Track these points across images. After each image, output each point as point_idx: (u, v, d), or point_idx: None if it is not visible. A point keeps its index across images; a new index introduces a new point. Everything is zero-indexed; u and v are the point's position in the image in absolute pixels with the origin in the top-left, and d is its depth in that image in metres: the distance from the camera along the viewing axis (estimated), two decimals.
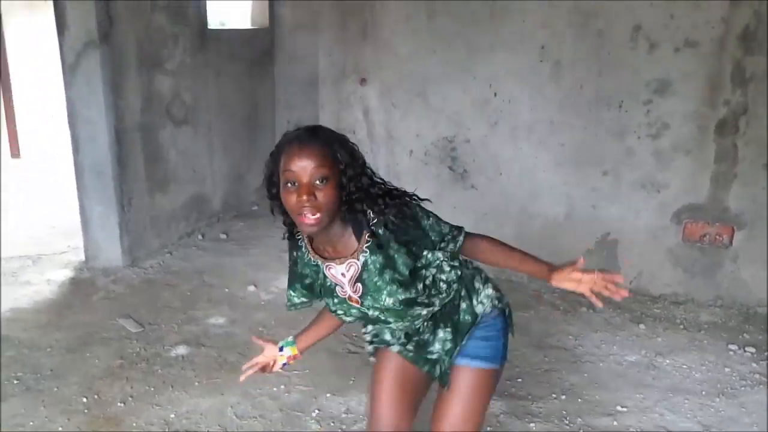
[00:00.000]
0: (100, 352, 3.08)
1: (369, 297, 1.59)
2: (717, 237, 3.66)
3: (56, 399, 2.72)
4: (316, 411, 2.71)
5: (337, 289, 1.62)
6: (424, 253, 1.60)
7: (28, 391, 2.76)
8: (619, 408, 2.80)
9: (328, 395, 2.82)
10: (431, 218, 1.61)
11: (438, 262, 1.64)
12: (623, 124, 3.63)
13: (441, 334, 1.73)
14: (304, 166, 1.43)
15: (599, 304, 1.63)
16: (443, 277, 1.67)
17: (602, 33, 3.55)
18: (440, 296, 1.68)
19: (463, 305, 1.72)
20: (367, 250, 1.55)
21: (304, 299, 1.74)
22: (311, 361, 3.06)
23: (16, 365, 2.94)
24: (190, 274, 3.99)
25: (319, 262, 1.61)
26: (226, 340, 3.24)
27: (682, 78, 3.49)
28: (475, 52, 3.74)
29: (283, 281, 3.84)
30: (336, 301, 1.64)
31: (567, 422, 2.69)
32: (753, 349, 3.30)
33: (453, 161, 3.96)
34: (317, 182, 1.44)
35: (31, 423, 2.56)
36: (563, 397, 2.86)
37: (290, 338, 1.92)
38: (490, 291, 1.77)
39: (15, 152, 6.62)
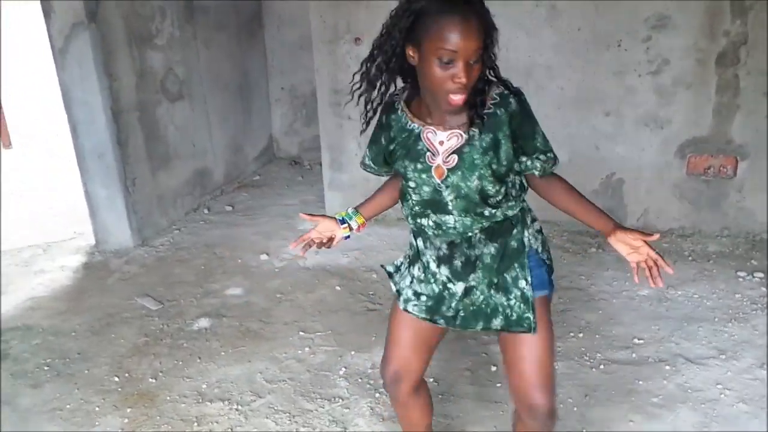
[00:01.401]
0: (124, 331, 3.13)
1: (459, 172, 1.55)
2: (721, 168, 3.69)
3: (88, 381, 2.77)
4: (343, 369, 2.77)
5: (427, 155, 1.57)
6: (523, 159, 1.58)
7: (60, 376, 2.81)
8: (636, 340, 2.87)
9: (352, 353, 2.88)
10: (541, 130, 1.59)
11: (525, 171, 1.62)
12: (623, 62, 3.61)
13: (488, 249, 1.65)
14: (466, 47, 1.37)
15: (636, 280, 1.63)
16: (513, 193, 1.64)
17: None
18: (507, 206, 1.63)
19: (515, 230, 1.66)
20: (478, 127, 1.52)
21: (377, 168, 1.76)
22: (332, 322, 3.13)
23: (44, 353, 2.98)
24: (201, 249, 4.02)
25: (417, 126, 1.58)
26: (245, 310, 3.29)
27: (681, 11, 3.45)
28: None
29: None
30: (419, 167, 1.58)
31: (587, 358, 2.76)
32: (761, 275, 3.37)
33: None
34: (471, 62, 1.40)
35: (68, 406, 2.62)
36: (581, 335, 2.93)
37: (349, 210, 1.83)
38: (537, 227, 1.74)
39: (6, 143, 6.56)
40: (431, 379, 2.67)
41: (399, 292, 1.79)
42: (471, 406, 2.53)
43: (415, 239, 1.75)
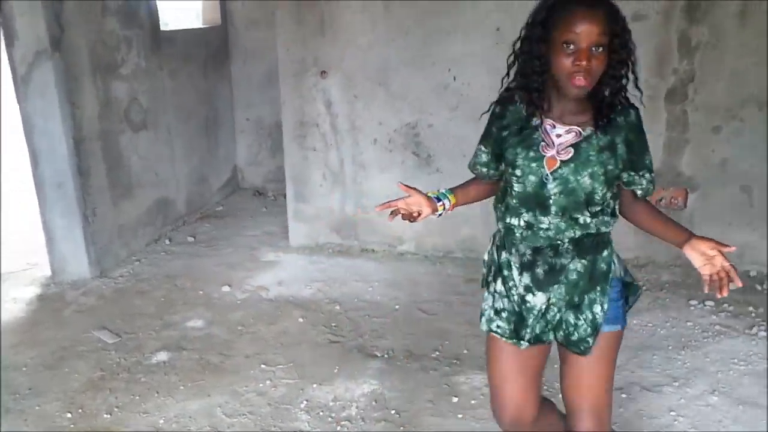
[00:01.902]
0: (78, 365, 3.05)
1: (572, 165, 1.58)
2: (672, 200, 3.83)
3: (39, 417, 2.69)
4: (305, 402, 2.75)
5: (541, 145, 1.61)
6: (631, 173, 1.62)
7: (9, 413, 2.72)
8: None
9: (314, 386, 2.86)
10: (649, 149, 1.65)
11: (631, 186, 1.65)
12: None
13: (575, 264, 1.66)
14: (588, 32, 1.45)
15: (707, 289, 1.63)
16: (610, 210, 1.67)
17: None
18: (602, 220, 1.65)
19: (606, 251, 1.69)
20: (600, 126, 1.57)
21: (488, 163, 1.75)
22: (294, 354, 3.11)
23: None
24: (161, 280, 3.96)
25: (536, 118, 1.62)
26: (206, 342, 3.25)
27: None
28: (432, 38, 3.79)
29: (257, 279, 3.92)
30: (531, 155, 1.61)
31: (545, 387, 2.79)
32: (712, 303, 3.48)
33: (417, 147, 4.03)
34: (593, 49, 1.46)
35: None
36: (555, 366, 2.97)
37: (443, 189, 1.81)
38: (619, 258, 1.76)
39: None
40: (393, 411, 2.68)
41: (481, 315, 1.79)
42: None
43: (499, 252, 1.75)
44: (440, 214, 1.79)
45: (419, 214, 1.74)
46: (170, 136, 4.65)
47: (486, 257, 1.82)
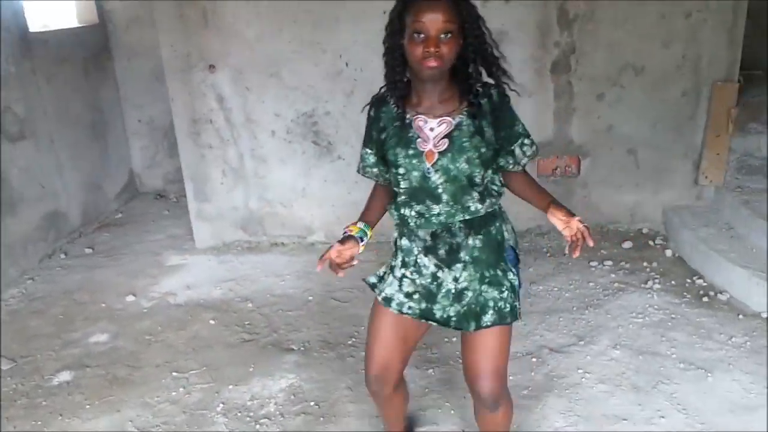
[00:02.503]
0: None
1: (449, 155, 1.67)
2: (566, 168, 4.00)
3: None
4: (221, 405, 2.68)
5: (418, 141, 1.69)
6: (510, 149, 1.74)
7: None
8: None
9: (230, 387, 2.79)
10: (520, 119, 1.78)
11: (516, 163, 1.76)
12: None
13: (471, 241, 1.76)
14: (433, 20, 1.55)
15: (567, 250, 1.71)
16: (494, 190, 1.78)
17: None
18: (489, 199, 1.76)
19: (497, 222, 1.81)
20: (465, 113, 1.68)
21: (376, 164, 1.82)
22: (207, 358, 3.02)
23: None
24: (58, 297, 3.73)
25: (408, 115, 1.71)
26: (111, 356, 3.09)
27: (516, 26, 3.72)
28: (321, 26, 3.74)
29: (163, 285, 3.77)
30: (411, 153, 1.70)
31: (461, 362, 2.86)
32: (610, 262, 3.68)
33: (316, 135, 3.98)
34: (442, 36, 1.56)
35: None
36: (454, 339, 3.03)
37: (360, 224, 1.85)
38: (510, 227, 1.89)
39: None
40: (312, 403, 2.65)
41: (388, 300, 1.86)
42: (354, 424, 2.53)
43: (400, 240, 1.84)
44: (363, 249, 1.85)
45: (350, 260, 1.78)
46: (53, 144, 4.36)
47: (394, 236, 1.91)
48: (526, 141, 1.77)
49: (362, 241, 1.82)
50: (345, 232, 1.83)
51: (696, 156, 3.93)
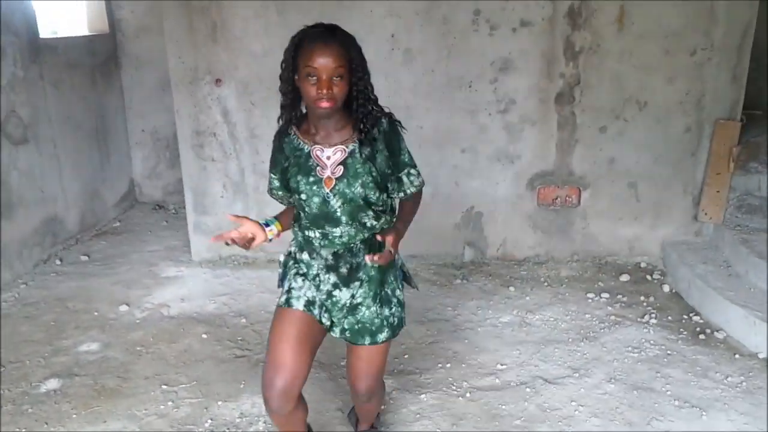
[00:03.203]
0: None
1: (345, 180, 1.81)
2: (567, 198, 4.00)
3: None
4: (209, 421, 2.64)
5: (318, 169, 1.83)
6: (398, 175, 1.89)
7: None
8: (499, 366, 2.99)
9: (219, 403, 2.75)
10: (406, 148, 1.92)
11: (401, 189, 1.92)
12: (474, 102, 3.85)
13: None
14: (325, 64, 1.68)
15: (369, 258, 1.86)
16: (389, 210, 1.94)
17: (447, 19, 3.72)
18: (385, 216, 1.91)
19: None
20: (358, 142, 1.82)
21: (281, 188, 1.95)
22: (197, 373, 2.98)
23: None
24: (51, 303, 3.70)
25: (307, 146, 1.84)
26: (101, 366, 3.05)
27: (522, 56, 3.76)
28: None
29: (157, 296, 3.75)
30: (311, 180, 1.83)
31: (454, 388, 2.84)
32: (607, 295, 3.67)
33: None
34: (334, 78, 1.70)
35: None
36: (448, 365, 3.01)
37: (268, 218, 1.97)
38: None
39: None
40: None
41: (296, 298, 1.94)
42: None
43: (300, 254, 1.97)
44: (271, 239, 1.94)
45: (253, 239, 1.88)
46: (56, 150, 4.36)
47: (281, 258, 2.05)
48: (413, 171, 1.93)
49: (267, 227, 1.92)
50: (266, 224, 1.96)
51: (696, 192, 3.94)
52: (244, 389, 2.84)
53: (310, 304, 1.94)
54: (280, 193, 1.99)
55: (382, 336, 1.97)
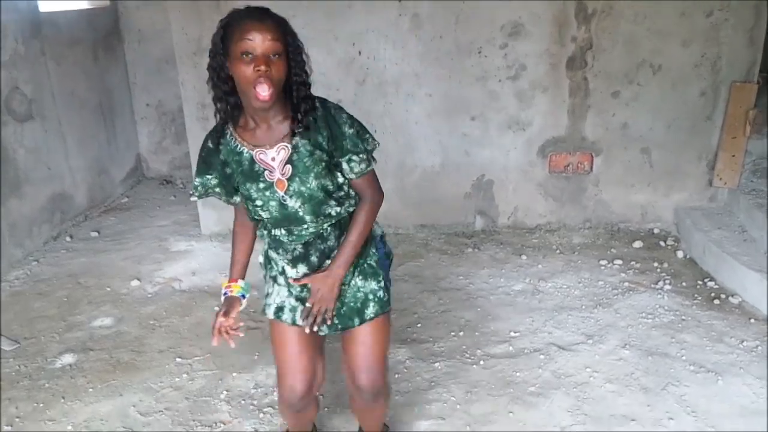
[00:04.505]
0: None
1: (297, 178, 1.66)
2: (579, 165, 3.95)
3: None
4: (224, 392, 2.65)
5: (266, 173, 1.67)
6: (341, 162, 1.70)
7: None
8: (512, 334, 2.98)
9: (234, 374, 2.76)
10: (353, 126, 1.70)
11: (346, 175, 1.73)
12: (484, 69, 3.78)
13: (342, 240, 1.78)
14: (261, 39, 1.51)
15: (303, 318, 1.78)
16: (352, 192, 1.77)
17: None
18: (349, 200, 1.76)
19: None
20: (299, 134, 1.64)
21: (217, 185, 1.76)
22: (210, 345, 2.96)
23: None
24: (63, 279, 3.71)
25: (246, 150, 1.66)
26: (115, 340, 3.07)
27: (532, 20, 3.67)
28: (335, 12, 3.70)
29: (168, 270, 3.74)
30: (262, 186, 1.68)
31: (468, 355, 2.83)
32: (620, 261, 3.64)
33: None
34: (271, 55, 1.52)
35: None
36: (461, 333, 3.00)
37: (240, 282, 1.87)
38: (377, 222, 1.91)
39: None
40: (317, 393, 2.62)
41: (280, 309, 1.84)
42: None
43: (270, 251, 1.82)
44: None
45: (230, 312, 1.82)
46: (61, 126, 4.33)
47: (261, 259, 1.89)
48: (354, 158, 1.70)
49: (244, 297, 1.86)
50: (225, 292, 1.85)
51: (711, 157, 3.88)
52: (258, 360, 2.85)
53: (278, 310, 1.84)
54: (217, 189, 1.77)
55: (369, 311, 1.82)
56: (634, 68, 3.73)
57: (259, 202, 1.71)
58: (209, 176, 1.75)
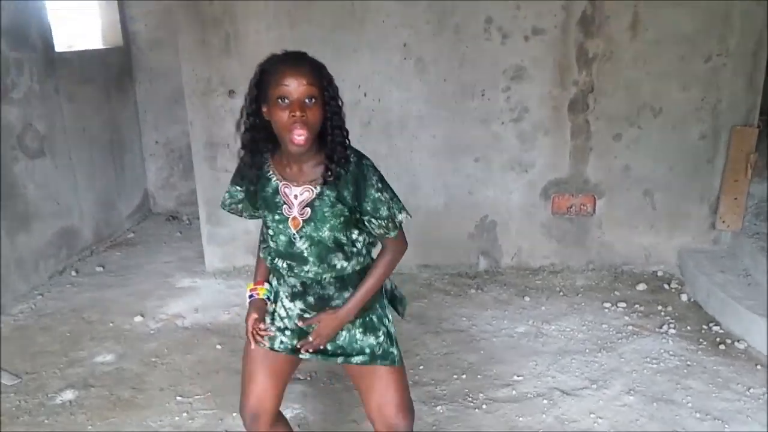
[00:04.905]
0: None
1: (312, 223, 1.70)
2: (582, 207, 3.97)
3: None
4: None
5: (284, 207, 1.71)
6: (364, 218, 1.72)
7: None
8: (515, 377, 2.96)
9: (234, 414, 2.73)
10: (382, 192, 1.70)
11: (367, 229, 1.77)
12: (487, 111, 3.84)
13: (342, 297, 1.79)
14: (297, 84, 1.56)
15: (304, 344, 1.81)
16: (361, 245, 1.79)
17: (458, 27, 3.72)
18: (358, 258, 1.78)
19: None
20: (326, 183, 1.67)
21: (241, 201, 1.83)
22: (212, 384, 2.97)
23: None
24: (67, 314, 3.72)
25: (275, 179, 1.72)
26: (116, 377, 3.06)
27: (534, 64, 3.74)
28: (341, 56, 3.78)
29: (172, 307, 3.75)
30: (277, 218, 1.73)
31: (470, 399, 2.81)
32: (624, 304, 3.62)
33: None
34: (307, 100, 1.57)
35: None
36: (464, 376, 2.98)
37: (266, 285, 1.87)
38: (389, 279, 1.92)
39: None
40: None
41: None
42: None
43: (272, 277, 1.88)
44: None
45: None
46: (71, 162, 4.40)
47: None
48: (374, 221, 1.72)
49: (269, 300, 1.87)
50: (251, 295, 1.87)
51: (713, 200, 3.89)
52: None
53: (281, 333, 1.84)
54: (239, 206, 1.86)
55: (358, 359, 1.81)
56: (635, 111, 3.78)
57: (271, 232, 1.76)
58: (239, 188, 1.82)
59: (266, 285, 1.88)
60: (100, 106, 4.78)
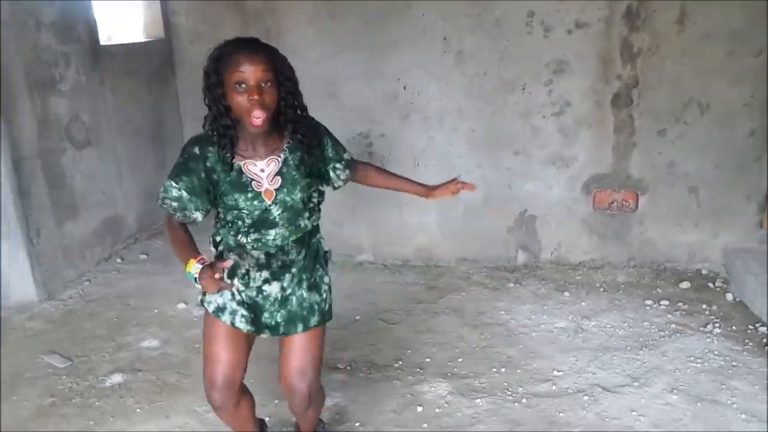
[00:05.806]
0: (28, 393, 2.90)
1: (285, 189, 1.84)
2: (624, 203, 3.92)
3: None
4: (267, 418, 2.67)
5: (253, 183, 1.81)
6: (327, 170, 1.98)
7: None
8: (555, 372, 2.95)
9: (276, 401, 2.79)
10: (335, 139, 2.00)
11: (334, 182, 2.03)
12: (528, 105, 3.81)
13: (300, 255, 1.95)
14: (253, 69, 1.66)
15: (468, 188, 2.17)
16: (318, 201, 1.98)
17: (499, 21, 3.70)
18: (316, 214, 1.99)
19: (317, 235, 2.05)
20: (287, 149, 1.85)
21: (177, 199, 1.81)
22: (255, 369, 3.00)
23: None
24: (113, 300, 3.82)
25: (236, 161, 1.80)
26: (162, 362, 3.14)
27: (577, 57, 3.70)
28: (380, 49, 3.80)
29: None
30: (249, 195, 1.81)
31: (510, 393, 2.81)
32: (666, 302, 3.57)
33: (370, 156, 4.01)
34: (263, 84, 1.68)
35: None
36: (503, 370, 2.98)
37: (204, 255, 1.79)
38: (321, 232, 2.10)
39: None
40: (357, 424, 2.64)
41: (221, 309, 1.94)
42: None
43: (227, 254, 1.91)
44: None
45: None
46: (116, 152, 4.50)
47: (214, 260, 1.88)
48: (338, 165, 2.00)
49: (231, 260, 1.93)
50: (197, 267, 1.74)
51: (761, 198, 3.80)
52: None
53: (219, 309, 1.94)
54: (175, 204, 1.81)
55: (314, 320, 1.99)
56: (680, 107, 3.71)
57: (245, 211, 1.83)
58: (175, 185, 1.80)
59: (197, 264, 1.74)
60: (142, 98, 4.88)
